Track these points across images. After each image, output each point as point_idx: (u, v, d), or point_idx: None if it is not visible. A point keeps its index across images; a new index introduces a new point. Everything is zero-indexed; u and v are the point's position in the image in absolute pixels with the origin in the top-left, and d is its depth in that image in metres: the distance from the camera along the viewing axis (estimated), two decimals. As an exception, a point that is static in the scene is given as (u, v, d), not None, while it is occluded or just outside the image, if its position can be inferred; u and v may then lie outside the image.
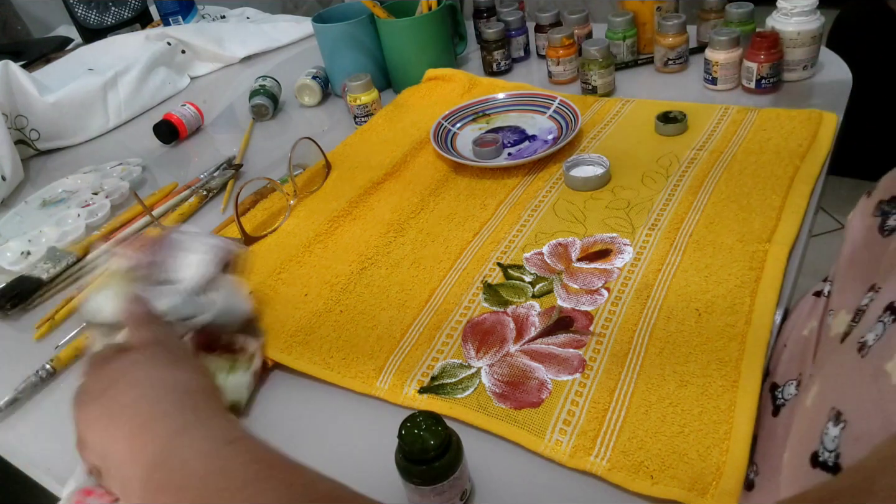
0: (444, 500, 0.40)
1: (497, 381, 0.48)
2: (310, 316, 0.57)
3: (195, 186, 0.81)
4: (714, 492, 0.38)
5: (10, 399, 0.55)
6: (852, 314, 0.36)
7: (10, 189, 0.89)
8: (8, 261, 0.72)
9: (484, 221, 0.65)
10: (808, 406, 0.33)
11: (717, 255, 0.55)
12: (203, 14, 1.33)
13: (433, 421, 0.39)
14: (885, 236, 0.39)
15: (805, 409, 0.33)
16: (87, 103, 1.02)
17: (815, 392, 0.33)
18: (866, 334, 0.31)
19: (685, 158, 0.68)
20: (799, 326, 0.45)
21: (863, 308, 0.34)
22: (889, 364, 0.28)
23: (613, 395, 0.45)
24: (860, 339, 0.31)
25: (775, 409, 0.41)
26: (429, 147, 0.79)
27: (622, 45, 0.88)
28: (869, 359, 0.30)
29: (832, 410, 0.30)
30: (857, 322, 0.34)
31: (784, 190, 0.60)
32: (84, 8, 1.28)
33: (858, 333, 0.32)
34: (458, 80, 0.91)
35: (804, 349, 0.42)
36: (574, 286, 0.55)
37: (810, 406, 0.33)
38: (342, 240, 0.66)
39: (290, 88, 1.01)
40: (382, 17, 0.92)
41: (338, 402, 0.50)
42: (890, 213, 0.39)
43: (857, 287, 0.38)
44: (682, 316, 0.50)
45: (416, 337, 0.53)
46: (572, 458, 0.42)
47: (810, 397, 0.33)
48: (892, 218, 0.39)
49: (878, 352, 0.29)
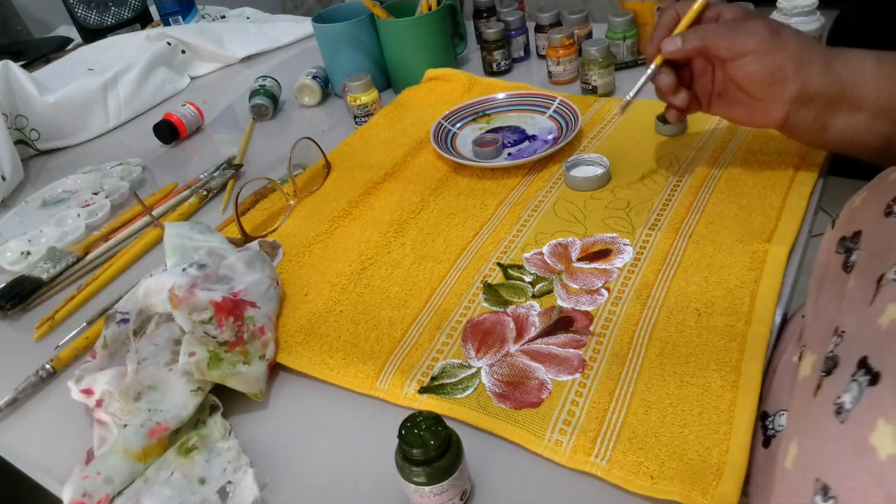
0: (444, 500, 0.40)
1: (497, 381, 0.48)
2: (310, 316, 0.57)
3: (195, 186, 0.81)
4: (714, 492, 0.38)
5: (10, 399, 0.55)
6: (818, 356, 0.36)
7: (10, 189, 0.89)
8: (8, 261, 0.72)
9: (484, 221, 0.65)
10: (788, 469, 0.32)
11: (717, 255, 0.55)
12: (203, 14, 1.33)
13: (433, 421, 0.39)
14: (847, 273, 0.38)
15: (786, 472, 0.32)
16: (87, 103, 1.02)
17: (794, 454, 0.32)
18: (842, 395, 0.30)
19: (685, 158, 0.68)
20: (789, 351, 0.45)
21: (830, 356, 0.34)
22: (873, 436, 0.27)
23: (613, 395, 0.45)
24: (836, 399, 0.30)
25: (766, 440, 0.41)
26: (429, 147, 0.79)
27: (622, 45, 0.88)
28: (849, 427, 0.29)
29: (818, 483, 0.29)
30: (827, 373, 0.33)
31: (784, 190, 0.60)
32: (84, 8, 1.28)
33: (833, 392, 0.31)
34: (458, 80, 0.91)
35: (792, 378, 0.42)
36: (574, 286, 0.55)
37: (792, 470, 0.32)
38: (342, 240, 0.66)
39: (290, 88, 1.01)
40: (382, 17, 0.92)
41: (338, 402, 0.50)
42: (853, 249, 0.39)
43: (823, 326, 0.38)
44: (682, 316, 0.50)
45: (416, 337, 0.53)
46: (572, 458, 0.42)
47: (790, 459, 0.32)
48: (854, 254, 0.38)
49: (858, 419, 0.28)
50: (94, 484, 0.43)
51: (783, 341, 0.48)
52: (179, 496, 0.44)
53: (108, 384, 0.49)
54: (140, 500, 0.44)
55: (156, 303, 0.55)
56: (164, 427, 0.46)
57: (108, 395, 0.49)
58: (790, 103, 0.54)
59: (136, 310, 0.56)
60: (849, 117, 0.53)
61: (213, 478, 0.45)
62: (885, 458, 0.26)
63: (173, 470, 0.45)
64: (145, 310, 0.56)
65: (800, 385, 0.37)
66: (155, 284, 0.55)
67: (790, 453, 0.32)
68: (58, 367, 0.57)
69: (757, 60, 0.53)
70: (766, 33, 0.52)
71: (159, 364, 0.50)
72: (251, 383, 0.50)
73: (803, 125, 0.55)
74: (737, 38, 0.53)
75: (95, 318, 0.63)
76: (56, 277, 0.69)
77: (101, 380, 0.49)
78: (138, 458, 0.45)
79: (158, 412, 0.47)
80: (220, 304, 0.51)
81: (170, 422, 0.47)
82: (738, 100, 0.57)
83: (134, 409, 0.47)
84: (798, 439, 0.32)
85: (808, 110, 0.54)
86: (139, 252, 0.72)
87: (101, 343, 0.54)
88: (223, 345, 0.50)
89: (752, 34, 0.53)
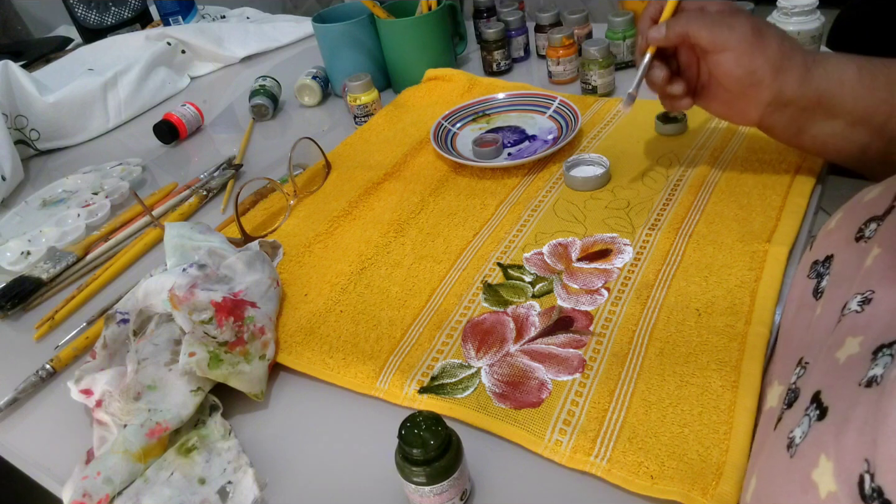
0: (444, 500, 0.40)
1: (497, 381, 0.48)
2: (309, 316, 0.57)
3: (195, 186, 0.81)
4: (714, 492, 0.38)
5: (10, 399, 0.55)
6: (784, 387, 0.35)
7: (10, 189, 0.89)
8: (8, 261, 0.72)
9: (484, 221, 0.65)
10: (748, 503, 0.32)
11: (717, 255, 0.55)
12: (203, 14, 1.33)
13: (433, 421, 0.39)
14: (816, 300, 0.38)
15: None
16: (87, 103, 1.02)
17: (753, 487, 0.32)
18: (794, 429, 0.30)
19: (685, 158, 0.68)
20: None
21: (792, 388, 0.33)
22: (815, 472, 0.27)
23: (613, 395, 0.45)
24: (789, 434, 0.30)
25: None
26: (429, 147, 0.79)
27: (622, 45, 0.88)
28: (797, 461, 0.29)
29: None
30: (788, 406, 0.33)
31: (784, 189, 0.60)
32: (84, 8, 1.28)
33: (788, 425, 0.31)
34: (458, 80, 0.91)
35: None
36: (574, 286, 0.55)
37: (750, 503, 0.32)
38: (342, 240, 0.66)
39: (290, 88, 1.01)
40: (382, 17, 0.92)
41: (338, 402, 0.50)
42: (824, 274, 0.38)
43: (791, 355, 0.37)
44: (682, 316, 0.50)
45: (416, 337, 0.53)
46: (572, 458, 0.42)
47: (750, 492, 0.32)
48: (825, 280, 0.38)
49: (804, 453, 0.28)
50: (94, 484, 0.43)
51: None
52: (179, 496, 0.44)
53: (107, 384, 0.49)
54: (140, 500, 0.44)
55: (156, 303, 0.55)
56: (164, 427, 0.46)
57: (107, 396, 0.49)
58: (765, 106, 0.54)
59: (136, 310, 0.56)
60: (824, 124, 0.53)
61: (213, 478, 0.45)
62: (824, 496, 0.26)
63: (173, 470, 0.45)
64: (145, 310, 0.56)
65: (765, 415, 0.36)
66: (155, 285, 0.55)
67: (751, 487, 0.32)
68: (58, 367, 0.57)
69: (735, 59, 0.52)
70: (748, 32, 0.52)
71: (159, 364, 0.50)
72: (252, 383, 0.50)
73: (778, 127, 0.55)
74: (719, 30, 0.53)
75: (95, 318, 0.63)
76: (56, 277, 0.69)
77: (100, 380, 0.49)
78: (138, 458, 0.45)
79: (158, 412, 0.47)
80: (221, 305, 0.51)
81: (170, 422, 0.47)
82: (717, 95, 0.58)
83: (134, 409, 0.47)
84: (757, 472, 0.32)
85: (783, 115, 0.54)
86: (139, 252, 0.72)
87: (100, 343, 0.54)
88: (223, 345, 0.50)
89: (735, 30, 0.52)
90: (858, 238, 0.36)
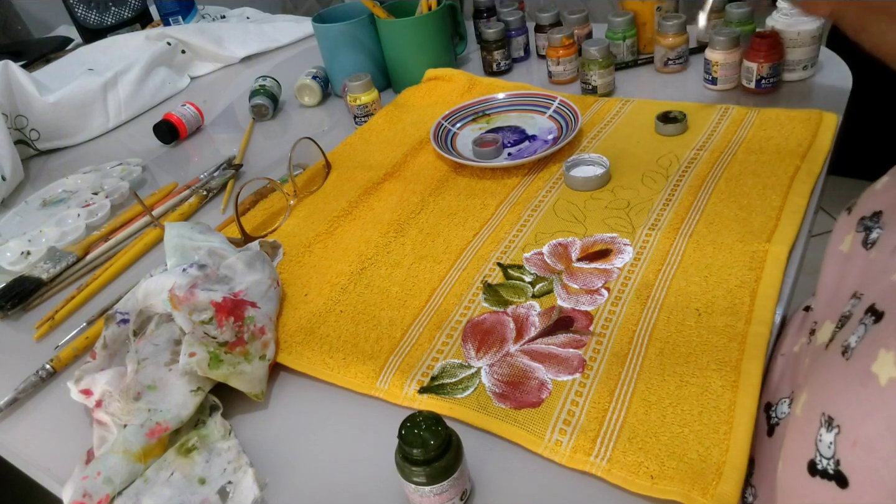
0: (444, 500, 0.40)
1: (497, 381, 0.48)
2: (310, 316, 0.57)
3: (195, 186, 0.81)
4: (714, 492, 0.38)
5: (10, 399, 0.55)
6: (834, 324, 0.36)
7: (10, 189, 0.89)
8: (8, 261, 0.72)
9: (484, 221, 0.65)
10: (798, 415, 0.33)
11: (717, 255, 0.55)
12: (203, 14, 1.33)
13: (433, 421, 0.39)
14: (868, 249, 0.39)
15: (795, 418, 0.33)
16: (87, 103, 1.02)
17: (804, 401, 0.33)
18: (849, 337, 0.31)
19: (685, 158, 0.68)
20: (790, 342, 0.45)
21: (846, 315, 0.35)
22: (874, 365, 0.28)
23: (613, 395, 0.45)
24: (843, 342, 0.31)
25: (770, 429, 0.41)
26: (429, 147, 0.79)
27: (622, 45, 0.88)
28: (853, 361, 0.30)
29: (823, 416, 0.30)
30: (840, 328, 0.34)
31: (784, 190, 0.60)
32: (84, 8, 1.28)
33: (842, 337, 0.32)
34: (458, 80, 0.91)
35: (795, 365, 0.42)
36: (574, 286, 0.55)
37: (800, 415, 0.33)
38: (342, 240, 0.66)
39: (290, 88, 1.01)
40: (382, 17, 0.92)
41: (338, 402, 0.50)
42: (872, 227, 0.40)
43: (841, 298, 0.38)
44: (682, 316, 0.50)
45: (416, 337, 0.53)
46: (572, 458, 0.42)
47: (800, 406, 0.33)
48: (874, 232, 0.40)
49: (862, 353, 0.29)
50: (94, 484, 0.43)
51: (784, 335, 0.48)
52: (179, 496, 0.44)
53: (107, 384, 0.49)
54: (140, 500, 0.44)
55: (156, 303, 0.55)
56: (164, 427, 0.46)
57: (107, 396, 0.49)
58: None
59: (136, 310, 0.56)
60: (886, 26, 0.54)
61: (213, 478, 0.45)
62: (885, 382, 0.27)
63: (173, 470, 0.45)
64: (145, 310, 0.56)
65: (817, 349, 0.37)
66: (155, 285, 0.55)
67: (800, 401, 0.33)
68: (58, 367, 0.57)
69: None
70: None
71: (159, 364, 0.50)
72: (252, 383, 0.50)
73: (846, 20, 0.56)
74: None
75: (95, 318, 0.63)
76: (56, 277, 0.69)
77: (100, 380, 0.49)
78: (138, 459, 0.45)
79: (158, 412, 0.47)
80: (221, 305, 0.51)
81: (170, 422, 0.47)
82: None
83: (134, 410, 0.47)
84: (807, 388, 0.33)
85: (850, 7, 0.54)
86: (139, 252, 0.72)
87: (100, 343, 0.54)
88: (223, 345, 0.50)
89: None
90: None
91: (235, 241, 0.66)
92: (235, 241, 0.66)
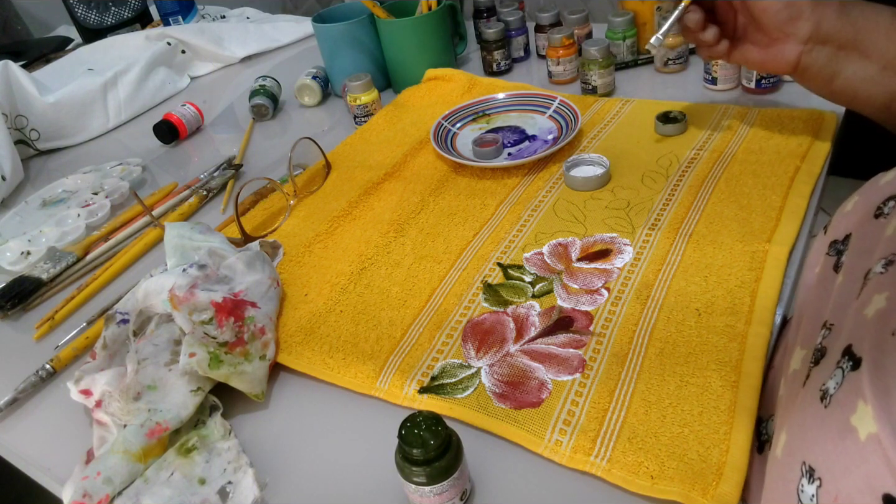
0: (444, 500, 0.40)
1: (497, 381, 0.48)
2: (309, 316, 0.57)
3: (195, 186, 0.81)
4: (714, 492, 0.38)
5: (10, 399, 0.55)
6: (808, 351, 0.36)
7: (10, 189, 0.89)
8: (8, 261, 0.72)
9: (484, 221, 0.65)
10: (778, 457, 0.33)
11: (717, 255, 0.55)
12: (203, 14, 1.33)
13: (433, 421, 0.39)
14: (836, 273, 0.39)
15: (776, 461, 0.33)
16: (87, 103, 1.02)
17: (783, 442, 0.33)
18: (827, 381, 0.31)
19: (685, 158, 0.68)
20: (780, 353, 0.45)
21: (818, 347, 0.34)
22: (853, 417, 0.28)
23: (613, 395, 0.45)
24: (822, 386, 0.31)
25: (760, 445, 0.41)
26: (429, 147, 0.79)
27: (622, 45, 0.88)
28: (833, 410, 0.29)
29: (804, 465, 0.30)
30: (815, 363, 0.34)
31: (784, 190, 0.60)
32: (84, 8, 1.28)
33: (819, 379, 0.32)
34: (458, 80, 0.91)
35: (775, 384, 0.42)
36: (574, 286, 0.55)
37: (781, 459, 0.32)
38: (342, 240, 0.66)
39: (290, 88, 1.01)
40: (382, 17, 0.92)
41: (338, 402, 0.50)
42: (843, 251, 0.40)
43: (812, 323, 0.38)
44: (682, 316, 0.50)
45: (416, 337, 0.53)
46: (572, 458, 0.42)
47: (780, 447, 0.33)
48: (844, 256, 0.39)
49: (840, 401, 0.29)
50: (94, 484, 0.43)
51: (781, 345, 0.48)
52: (179, 496, 0.44)
53: (107, 384, 0.49)
54: (140, 500, 0.44)
55: (156, 303, 0.55)
56: (164, 427, 0.46)
57: (107, 396, 0.49)
58: (804, 42, 0.55)
59: (135, 310, 0.56)
60: (858, 66, 0.55)
61: (213, 478, 0.45)
62: (864, 438, 0.27)
63: (173, 470, 0.45)
64: (145, 310, 0.56)
65: (790, 378, 0.37)
66: (155, 285, 0.55)
67: (780, 442, 0.33)
68: (58, 367, 0.57)
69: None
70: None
71: (159, 364, 0.50)
72: (252, 384, 0.50)
73: (814, 68, 0.57)
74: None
75: (95, 319, 0.63)
76: (56, 277, 0.69)
77: (99, 380, 0.49)
78: (138, 459, 0.45)
79: (158, 412, 0.47)
80: (221, 305, 0.51)
81: (170, 422, 0.47)
82: (755, 40, 0.59)
83: (134, 410, 0.47)
84: (787, 428, 0.33)
85: (821, 52, 0.55)
86: (139, 252, 0.72)
87: (100, 344, 0.53)
88: (223, 345, 0.50)
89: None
90: (878, 215, 0.38)
91: (235, 241, 0.66)
92: (235, 241, 0.66)
